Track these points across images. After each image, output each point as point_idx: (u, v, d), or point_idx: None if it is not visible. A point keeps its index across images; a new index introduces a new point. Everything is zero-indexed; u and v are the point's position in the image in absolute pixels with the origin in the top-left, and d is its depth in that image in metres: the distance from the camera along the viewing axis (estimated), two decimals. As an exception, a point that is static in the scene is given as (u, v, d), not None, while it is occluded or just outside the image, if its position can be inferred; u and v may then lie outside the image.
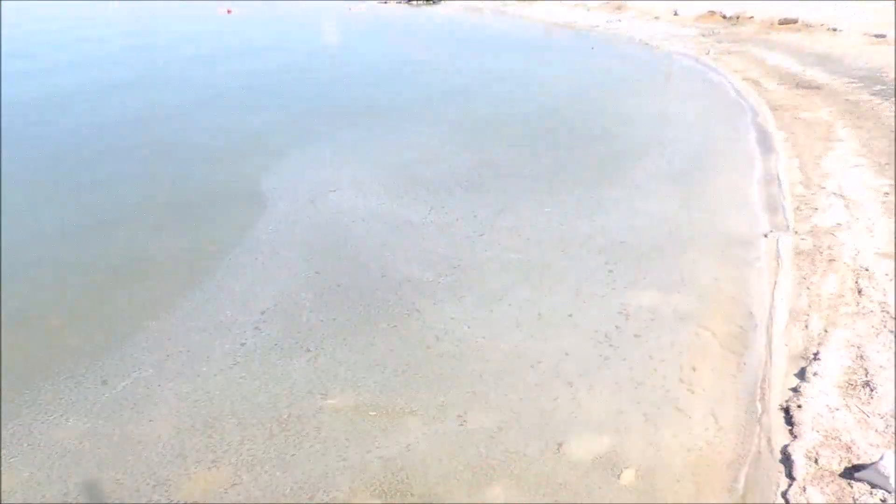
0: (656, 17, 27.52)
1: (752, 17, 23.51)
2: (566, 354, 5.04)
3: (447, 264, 6.52)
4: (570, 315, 5.58)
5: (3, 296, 5.98)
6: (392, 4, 43.36)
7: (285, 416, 4.43)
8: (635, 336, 5.27)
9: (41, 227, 7.52)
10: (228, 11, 36.10)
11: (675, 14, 27.12)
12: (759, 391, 4.60)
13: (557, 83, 16.01)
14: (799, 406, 4.36)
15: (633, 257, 6.61)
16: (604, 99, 13.96)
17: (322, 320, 5.55)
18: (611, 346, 5.15)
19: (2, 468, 4.01)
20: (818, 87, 13.35)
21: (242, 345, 5.23)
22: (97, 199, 8.39)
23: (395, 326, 5.45)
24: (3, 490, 3.86)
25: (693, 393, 4.60)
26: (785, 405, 4.43)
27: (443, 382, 4.73)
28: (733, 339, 5.22)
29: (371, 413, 4.44)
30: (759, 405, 4.47)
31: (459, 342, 5.20)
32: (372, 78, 16.93)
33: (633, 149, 10.21)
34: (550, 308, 5.68)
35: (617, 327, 5.39)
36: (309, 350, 5.15)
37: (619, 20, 27.95)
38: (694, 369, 4.85)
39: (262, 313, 5.66)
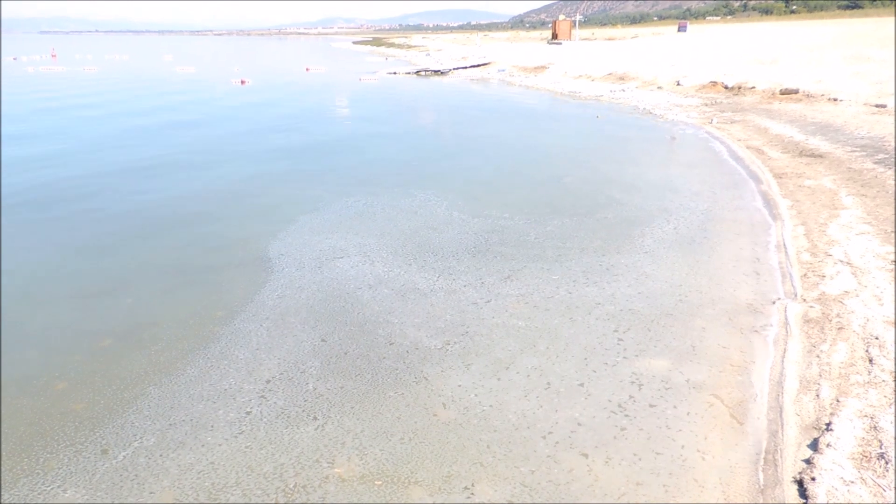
0: (659, 87, 28.21)
1: (753, 87, 24.07)
2: (579, 425, 4.94)
3: (454, 331, 6.49)
4: (582, 384, 5.50)
5: (11, 358, 5.97)
6: (402, 75, 44.67)
7: (291, 486, 4.33)
8: (650, 406, 5.18)
9: (53, 291, 7.56)
10: (243, 82, 37.41)
11: (678, 84, 27.81)
12: (772, 462, 4.49)
13: (563, 151, 16.29)
14: (813, 478, 4.24)
15: (643, 325, 6.56)
16: (609, 166, 14.17)
17: (329, 388, 5.49)
18: (626, 416, 5.05)
19: (-3, 541, 3.90)
20: (821, 156, 13.53)
21: (248, 413, 5.16)
22: (107, 264, 8.45)
23: (403, 394, 5.38)
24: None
25: (707, 463, 4.49)
26: (798, 477, 4.30)
27: (449, 452, 4.62)
28: (744, 409, 5.12)
29: (377, 482, 4.33)
30: (772, 477, 4.35)
31: (466, 410, 5.12)
32: (379, 146, 17.26)
33: (639, 216, 10.29)
34: (560, 376, 5.61)
35: (631, 397, 5.30)
36: (316, 418, 5.07)
37: (623, 90, 28.66)
38: (706, 439, 4.75)
39: (268, 381, 5.61)
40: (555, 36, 78.05)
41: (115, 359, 6.00)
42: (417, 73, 46.28)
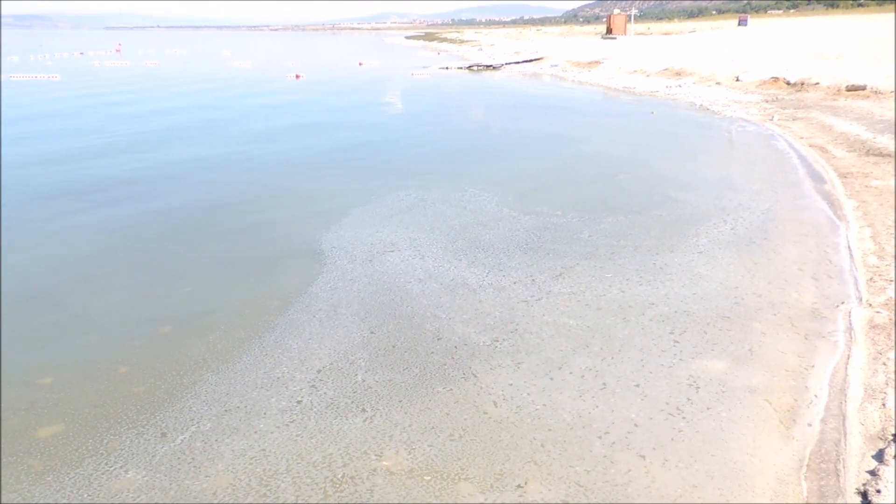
0: (717, 83, 27.49)
1: (817, 83, 23.23)
2: (636, 426, 4.86)
3: (504, 328, 6.46)
4: (638, 385, 5.40)
5: (77, 342, 6.20)
6: (453, 70, 44.67)
7: (339, 476, 4.38)
8: (707, 409, 5.06)
9: (117, 278, 7.83)
10: (297, 77, 38.11)
11: (737, 80, 27.04)
12: (833, 472, 4.32)
13: (617, 147, 16.04)
14: (878, 491, 4.07)
15: (699, 327, 6.41)
16: (664, 163, 13.88)
17: (378, 381, 5.53)
18: (683, 418, 4.95)
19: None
20: (889, 155, 12.97)
21: (298, 402, 5.24)
22: (168, 253, 8.70)
23: (451, 390, 5.38)
24: None
25: (763, 468, 4.35)
26: (863, 489, 4.14)
27: (501, 450, 4.60)
28: (804, 415, 4.95)
29: (426, 478, 4.34)
30: (834, 487, 4.19)
31: (518, 409, 5.08)
32: (430, 141, 17.30)
33: (695, 215, 10.05)
34: (615, 377, 5.52)
35: (688, 399, 5.19)
36: (364, 410, 5.11)
37: (680, 86, 28.03)
38: (763, 444, 4.61)
39: (319, 371, 5.68)
40: (609, 31, 76.79)
41: (175, 345, 6.17)
42: (469, 68, 46.21)
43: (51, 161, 14.51)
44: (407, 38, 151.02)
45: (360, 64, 51.77)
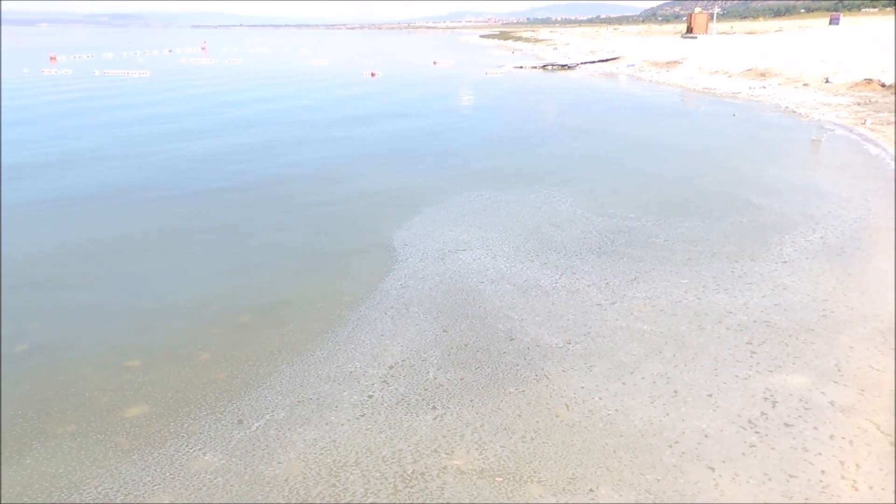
0: (805, 84, 26.31)
1: (914, 86, 21.91)
2: (706, 437, 4.71)
3: (576, 331, 6.36)
4: (710, 395, 5.23)
5: (161, 328, 6.48)
6: (528, 69, 44.39)
7: (409, 472, 4.41)
8: (785, 425, 4.84)
9: (201, 268, 8.14)
10: (373, 75, 38.67)
11: (827, 81, 25.81)
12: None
13: (695, 150, 15.57)
14: None
15: (780, 339, 6.14)
16: (745, 167, 13.38)
17: (449, 379, 5.54)
18: (756, 432, 4.75)
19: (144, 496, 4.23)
20: None
21: (370, 397, 5.30)
22: (247, 246, 8.98)
23: (523, 391, 5.34)
24: None
25: (858, 495, 4.12)
26: None
27: (573, 454, 4.54)
28: (903, 439, 4.66)
29: (497, 478, 4.32)
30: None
31: (591, 413, 5.00)
32: (502, 141, 17.23)
33: (779, 222, 9.65)
34: (687, 385, 5.36)
35: (763, 413, 4.98)
36: (435, 408, 5.13)
37: (764, 87, 26.99)
38: (858, 467, 4.37)
39: (391, 367, 5.74)
40: (690, 30, 74.64)
41: (253, 335, 6.36)
42: (544, 67, 45.84)
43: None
44: (481, 36, 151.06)
45: (435, 63, 52.09)
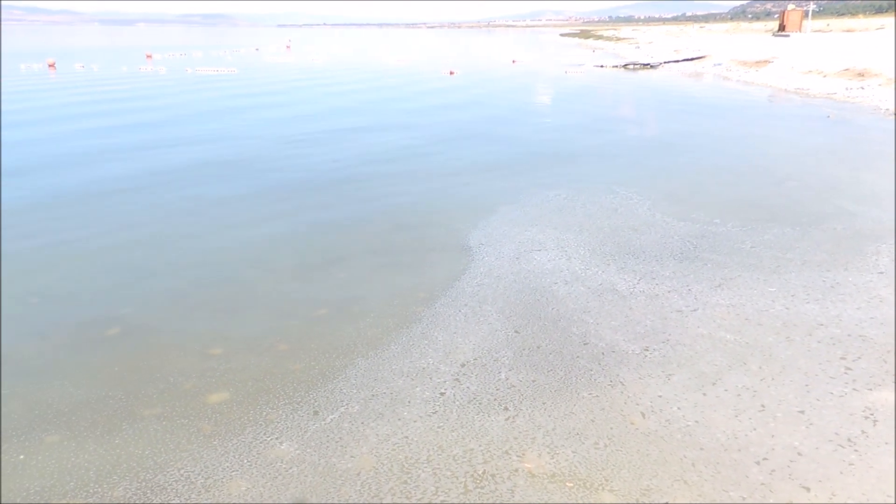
0: (908, 86, 24.71)
1: None
2: (799, 454, 4.47)
3: (655, 338, 6.18)
4: (802, 411, 4.97)
5: (247, 318, 6.69)
6: (609, 68, 43.58)
7: (479, 472, 4.39)
8: (887, 444, 4.55)
9: (282, 260, 8.37)
10: (451, 73, 38.92)
11: (932, 83, 24.17)
12: None
13: (785, 152, 14.88)
14: None
15: (877, 354, 5.78)
16: (840, 171, 12.69)
17: (521, 380, 5.49)
18: (855, 451, 4.49)
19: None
20: None
21: (442, 394, 5.31)
22: (329, 239, 9.17)
23: (597, 397, 5.22)
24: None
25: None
26: None
27: (648, 464, 4.40)
28: None
29: (568, 483, 4.25)
30: None
31: (668, 423, 4.84)
32: (580, 140, 16.96)
33: (875, 230, 9.10)
34: (776, 400, 5.11)
35: (863, 432, 4.70)
36: (507, 409, 5.09)
37: (862, 87, 25.53)
38: (964, 497, 4.06)
39: (463, 365, 5.73)
40: (782, 28, 71.46)
41: (329, 328, 6.48)
42: (625, 66, 44.88)
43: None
44: (561, 35, 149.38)
45: (514, 61, 51.86)
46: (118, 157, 14.54)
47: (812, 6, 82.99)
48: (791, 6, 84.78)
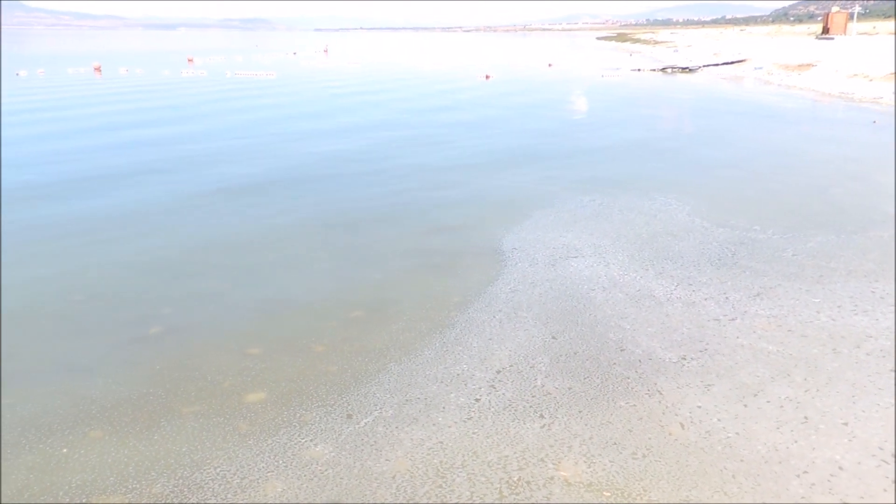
0: (958, 91, 23.96)
1: None
2: (841, 469, 4.35)
3: (693, 346, 6.07)
4: (846, 424, 4.83)
5: (284, 319, 6.76)
6: (646, 72, 43.10)
7: (515, 479, 4.35)
8: (933, 463, 4.40)
9: (319, 265, 8.44)
10: (487, 77, 38.90)
11: (985, 87, 23.38)
12: None
13: (829, 158, 14.53)
14: None
15: (928, 368, 5.59)
16: (886, 179, 12.34)
17: (557, 387, 5.44)
18: (898, 468, 4.35)
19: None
20: None
21: (477, 400, 5.29)
22: (364, 241, 9.21)
23: (635, 405, 5.15)
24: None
25: None
26: None
27: (687, 475, 4.32)
28: None
29: (605, 493, 4.19)
30: None
31: (708, 434, 4.75)
32: (615, 145, 16.78)
33: (926, 239, 8.81)
34: (820, 412, 4.98)
35: (907, 448, 4.55)
36: (542, 416, 5.05)
37: (909, 93, 24.82)
38: None
39: (498, 372, 5.70)
40: (826, 31, 69.94)
41: (364, 330, 6.51)
42: (663, 70, 44.33)
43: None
44: (598, 38, 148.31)
45: (550, 65, 51.63)
46: (169, 165, 14.85)
47: (857, 8, 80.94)
48: (835, 8, 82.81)
